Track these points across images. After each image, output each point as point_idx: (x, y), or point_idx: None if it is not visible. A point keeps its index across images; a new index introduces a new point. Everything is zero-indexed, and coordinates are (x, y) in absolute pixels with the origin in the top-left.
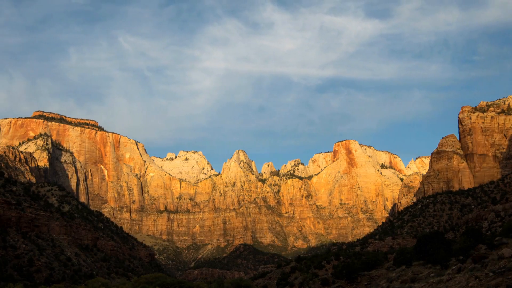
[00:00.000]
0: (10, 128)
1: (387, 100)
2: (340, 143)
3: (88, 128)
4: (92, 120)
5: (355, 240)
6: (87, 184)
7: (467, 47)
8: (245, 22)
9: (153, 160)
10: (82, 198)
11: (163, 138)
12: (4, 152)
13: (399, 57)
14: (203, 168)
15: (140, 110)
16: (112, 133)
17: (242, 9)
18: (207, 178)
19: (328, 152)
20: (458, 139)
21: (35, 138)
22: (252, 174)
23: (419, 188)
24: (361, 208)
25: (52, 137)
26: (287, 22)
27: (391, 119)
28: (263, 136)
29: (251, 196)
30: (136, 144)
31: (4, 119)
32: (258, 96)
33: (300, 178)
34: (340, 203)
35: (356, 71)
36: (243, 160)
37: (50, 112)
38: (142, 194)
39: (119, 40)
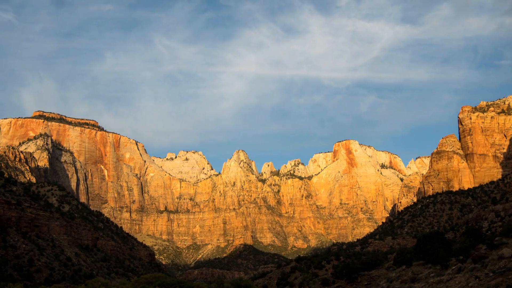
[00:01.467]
0: (10, 128)
1: (413, 104)
2: (340, 143)
3: (88, 128)
4: (92, 120)
5: (355, 240)
6: (87, 184)
7: (495, 53)
8: (281, 26)
9: (153, 160)
10: (82, 198)
11: (188, 140)
12: (4, 152)
13: (428, 62)
14: (203, 168)
15: (167, 113)
16: (112, 133)
17: (280, 13)
18: (207, 178)
19: (328, 152)
20: (458, 139)
21: (35, 138)
22: (252, 174)
23: (419, 188)
24: (361, 208)
25: (52, 137)
26: (321, 26)
27: (416, 123)
28: (289, 140)
29: (251, 196)
30: (136, 144)
31: (4, 119)
32: (286, 100)
33: (300, 178)
34: (340, 203)
35: (385, 75)
36: (243, 160)
37: (50, 112)
38: (142, 194)
39: (155, 43)
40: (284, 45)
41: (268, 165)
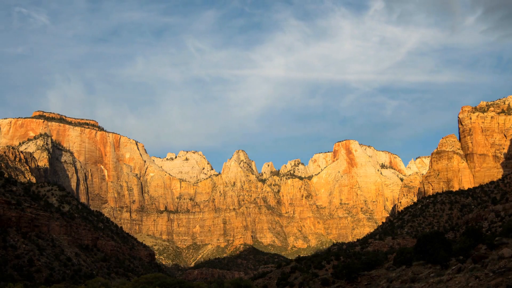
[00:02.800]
0: (10, 128)
1: (436, 107)
2: (340, 143)
3: (88, 128)
4: (92, 120)
5: (355, 240)
6: (87, 184)
7: None
8: (313, 29)
9: (153, 160)
10: (82, 198)
11: (214, 143)
12: (4, 152)
13: (453, 66)
14: (203, 168)
15: (191, 116)
16: (112, 133)
17: (314, 16)
18: (207, 178)
19: (328, 152)
20: (458, 139)
21: (35, 138)
22: (252, 174)
23: (419, 188)
24: (361, 208)
25: (52, 137)
26: (352, 30)
27: (439, 126)
28: (314, 142)
29: (251, 196)
30: (136, 144)
31: (4, 119)
32: (312, 103)
33: (300, 178)
34: (340, 203)
35: (409, 79)
36: (243, 160)
37: (50, 112)
38: (142, 194)
39: (187, 46)
40: (313, 48)
41: (268, 165)
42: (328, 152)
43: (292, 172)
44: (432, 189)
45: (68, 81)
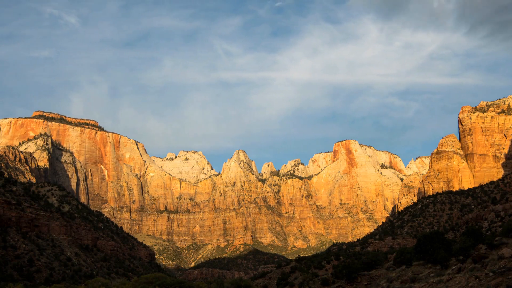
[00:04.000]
0: (10, 128)
1: (455, 110)
2: (340, 143)
3: (88, 128)
4: (92, 120)
5: (355, 240)
6: (87, 184)
7: None
8: (341, 32)
9: (153, 160)
10: (82, 198)
11: (229, 145)
12: (4, 152)
13: (473, 70)
14: (203, 168)
15: (213, 118)
16: (112, 133)
17: (342, 20)
18: (207, 178)
19: (328, 152)
20: (458, 139)
21: (35, 138)
22: (252, 174)
23: (419, 188)
24: (361, 208)
25: (52, 137)
26: (378, 33)
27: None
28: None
29: (251, 196)
30: (136, 144)
31: (4, 119)
32: (334, 105)
33: (300, 178)
34: (340, 203)
35: (431, 81)
36: (243, 160)
37: (50, 112)
38: (142, 194)
39: (215, 48)
40: (338, 51)
41: (268, 165)
42: (328, 152)
43: (292, 172)
44: (432, 189)
45: (92, 84)
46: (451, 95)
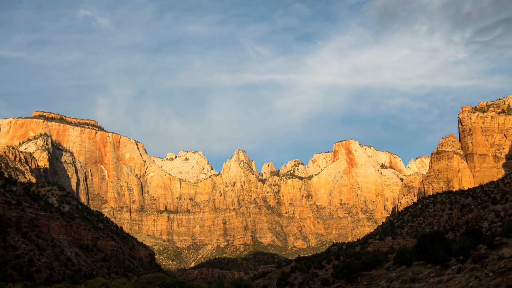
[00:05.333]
0: (10, 128)
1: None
2: (340, 143)
3: (88, 128)
4: (92, 120)
5: (355, 240)
6: (87, 184)
7: None
8: (372, 35)
9: (153, 160)
10: (82, 198)
11: (252, 146)
12: (4, 152)
13: (499, 73)
14: (203, 168)
15: (236, 120)
16: (112, 133)
17: (374, 24)
18: (207, 178)
19: (328, 152)
20: (458, 139)
21: (35, 138)
22: (252, 174)
23: (419, 188)
24: (361, 208)
25: (52, 137)
26: (408, 38)
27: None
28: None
29: (251, 196)
30: (136, 144)
31: (4, 119)
32: (358, 108)
33: (300, 178)
34: (340, 203)
35: (457, 84)
36: (243, 160)
37: (50, 112)
38: (142, 194)
39: (246, 50)
40: (365, 54)
41: (268, 165)
42: (328, 152)
43: (292, 172)
44: (432, 189)
45: (120, 86)
46: (476, 97)
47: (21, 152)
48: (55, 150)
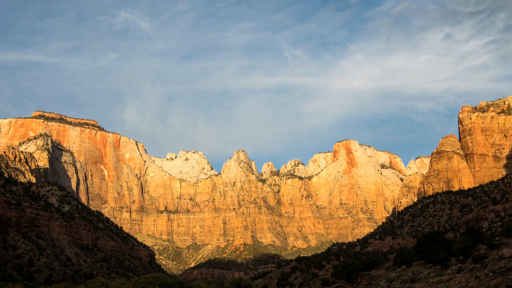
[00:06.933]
0: (10, 128)
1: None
2: (340, 143)
3: (88, 128)
4: (92, 120)
5: (355, 240)
6: (87, 184)
7: None
8: (408, 38)
9: (153, 160)
10: (82, 198)
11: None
12: (4, 152)
13: None
14: (203, 168)
15: (264, 122)
16: (112, 133)
17: (409, 28)
18: (207, 178)
19: (328, 152)
20: (458, 139)
21: (35, 138)
22: (252, 174)
23: (419, 188)
24: (361, 208)
25: (52, 137)
26: (439, 44)
27: None
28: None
29: (251, 196)
30: (136, 144)
31: (4, 119)
32: (385, 111)
33: (300, 178)
34: (340, 203)
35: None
36: (243, 160)
37: (50, 112)
38: (142, 194)
39: (283, 51)
40: (396, 58)
41: (268, 165)
42: (328, 152)
43: (292, 172)
44: (432, 189)
45: (152, 89)
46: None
47: (21, 152)
48: (55, 150)
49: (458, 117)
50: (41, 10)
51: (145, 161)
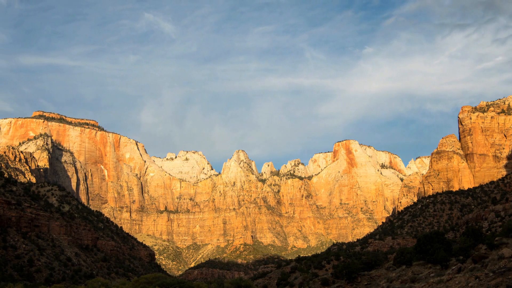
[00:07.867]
0: (10, 128)
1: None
2: (340, 143)
3: (88, 128)
4: (92, 120)
5: (355, 240)
6: (87, 184)
7: None
8: (426, 40)
9: (153, 160)
10: (82, 198)
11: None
12: (4, 152)
13: None
14: (203, 168)
15: (278, 123)
16: (112, 133)
17: (429, 31)
18: (207, 178)
19: (328, 152)
20: (458, 139)
21: (35, 138)
22: (252, 174)
23: (419, 188)
24: (361, 208)
25: (52, 137)
26: (458, 45)
27: None
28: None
29: (251, 196)
30: (136, 144)
31: (4, 119)
32: (400, 114)
33: (300, 178)
34: (340, 203)
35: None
36: (243, 160)
37: (50, 112)
38: (142, 194)
39: (304, 53)
40: (415, 61)
41: (268, 165)
42: (328, 152)
43: (292, 172)
44: (432, 189)
45: (170, 91)
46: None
47: (21, 152)
48: (55, 150)
49: (458, 117)
50: (65, 14)
51: (145, 161)
